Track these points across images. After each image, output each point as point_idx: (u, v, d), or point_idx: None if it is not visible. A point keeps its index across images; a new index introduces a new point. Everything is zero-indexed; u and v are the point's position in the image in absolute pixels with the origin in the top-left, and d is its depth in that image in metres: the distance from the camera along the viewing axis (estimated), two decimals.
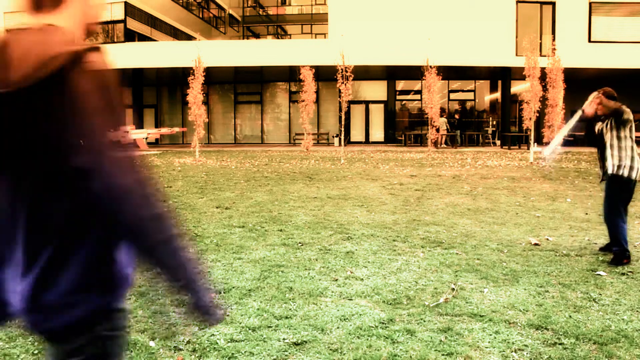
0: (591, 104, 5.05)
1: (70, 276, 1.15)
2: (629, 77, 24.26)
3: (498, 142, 25.98)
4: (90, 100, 1.09)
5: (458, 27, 22.83)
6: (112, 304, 1.24)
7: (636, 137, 5.22)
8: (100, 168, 1.08)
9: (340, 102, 18.70)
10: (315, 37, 40.42)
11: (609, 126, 5.04)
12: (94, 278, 1.18)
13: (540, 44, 23.06)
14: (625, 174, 4.92)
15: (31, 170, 1.14)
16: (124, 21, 26.08)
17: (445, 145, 24.62)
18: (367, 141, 27.50)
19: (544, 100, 17.85)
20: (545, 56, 18.72)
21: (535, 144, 16.60)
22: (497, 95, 27.02)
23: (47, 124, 1.10)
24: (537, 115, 17.39)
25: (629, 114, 4.90)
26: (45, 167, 1.13)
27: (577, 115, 5.30)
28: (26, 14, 1.24)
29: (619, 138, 4.97)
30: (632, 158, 4.94)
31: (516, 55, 22.97)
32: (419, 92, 26.98)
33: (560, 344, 3.19)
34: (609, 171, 4.98)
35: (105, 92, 1.12)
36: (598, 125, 5.19)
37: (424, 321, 3.53)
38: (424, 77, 19.75)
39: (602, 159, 5.14)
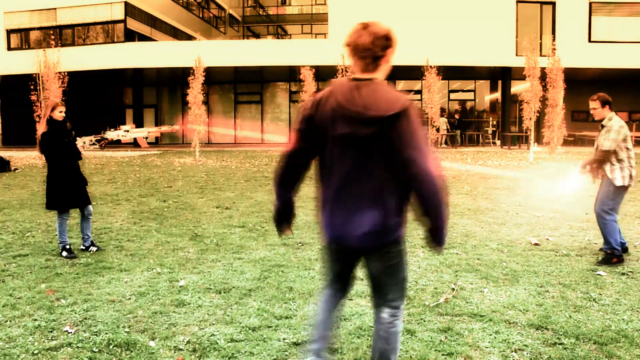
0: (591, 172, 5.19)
1: (392, 212, 2.22)
2: (629, 77, 24.25)
3: (498, 142, 25.95)
4: (411, 128, 2.14)
5: (458, 27, 22.79)
6: (404, 234, 2.31)
7: (637, 137, 5.22)
8: (417, 160, 2.11)
9: None
10: (315, 37, 40.38)
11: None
12: (399, 216, 2.25)
13: (541, 44, 23.02)
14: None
15: (380, 155, 2.18)
16: (124, 21, 26.04)
17: (445, 145, 24.60)
18: None
19: (544, 100, 17.84)
20: (545, 56, 18.70)
21: (536, 143, 16.58)
22: (497, 95, 27.00)
23: (394, 135, 2.13)
24: (537, 115, 17.39)
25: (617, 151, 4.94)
26: (389, 154, 2.17)
27: (577, 174, 5.36)
28: (355, 72, 2.26)
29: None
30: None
31: (516, 55, 22.92)
32: (419, 92, 26.92)
33: (560, 344, 3.19)
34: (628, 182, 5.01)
35: (417, 125, 2.16)
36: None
37: (424, 321, 3.54)
38: (424, 77, 19.73)
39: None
